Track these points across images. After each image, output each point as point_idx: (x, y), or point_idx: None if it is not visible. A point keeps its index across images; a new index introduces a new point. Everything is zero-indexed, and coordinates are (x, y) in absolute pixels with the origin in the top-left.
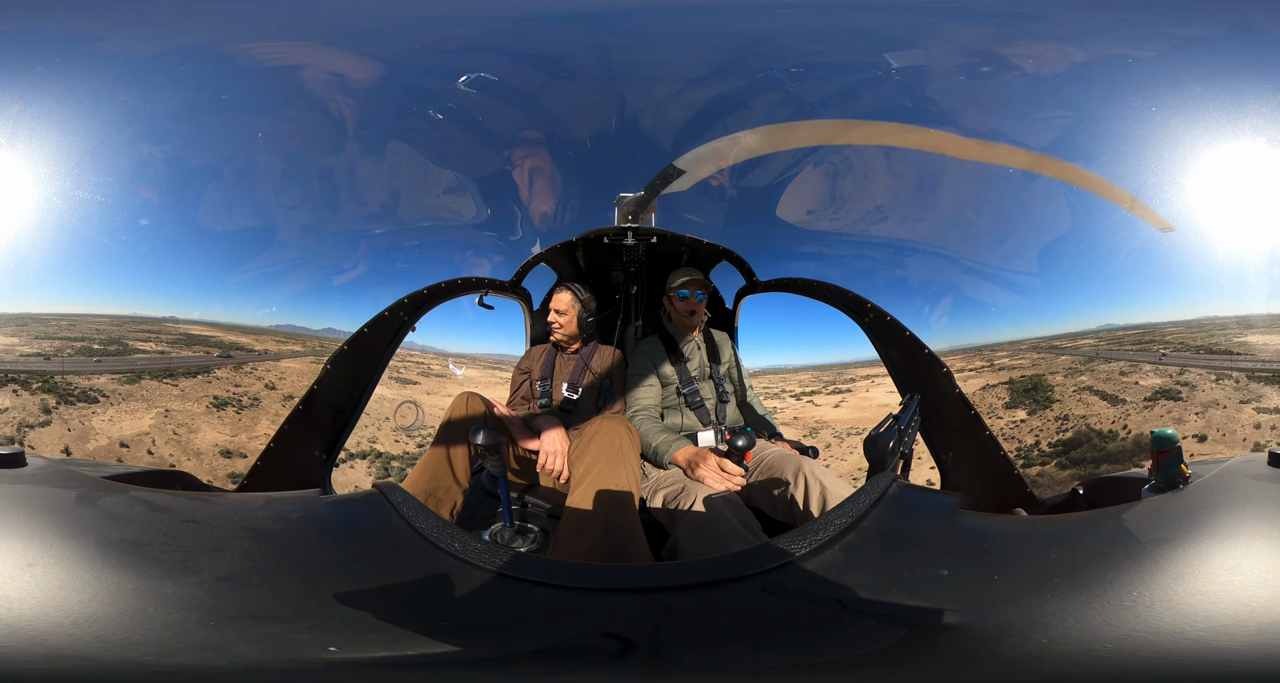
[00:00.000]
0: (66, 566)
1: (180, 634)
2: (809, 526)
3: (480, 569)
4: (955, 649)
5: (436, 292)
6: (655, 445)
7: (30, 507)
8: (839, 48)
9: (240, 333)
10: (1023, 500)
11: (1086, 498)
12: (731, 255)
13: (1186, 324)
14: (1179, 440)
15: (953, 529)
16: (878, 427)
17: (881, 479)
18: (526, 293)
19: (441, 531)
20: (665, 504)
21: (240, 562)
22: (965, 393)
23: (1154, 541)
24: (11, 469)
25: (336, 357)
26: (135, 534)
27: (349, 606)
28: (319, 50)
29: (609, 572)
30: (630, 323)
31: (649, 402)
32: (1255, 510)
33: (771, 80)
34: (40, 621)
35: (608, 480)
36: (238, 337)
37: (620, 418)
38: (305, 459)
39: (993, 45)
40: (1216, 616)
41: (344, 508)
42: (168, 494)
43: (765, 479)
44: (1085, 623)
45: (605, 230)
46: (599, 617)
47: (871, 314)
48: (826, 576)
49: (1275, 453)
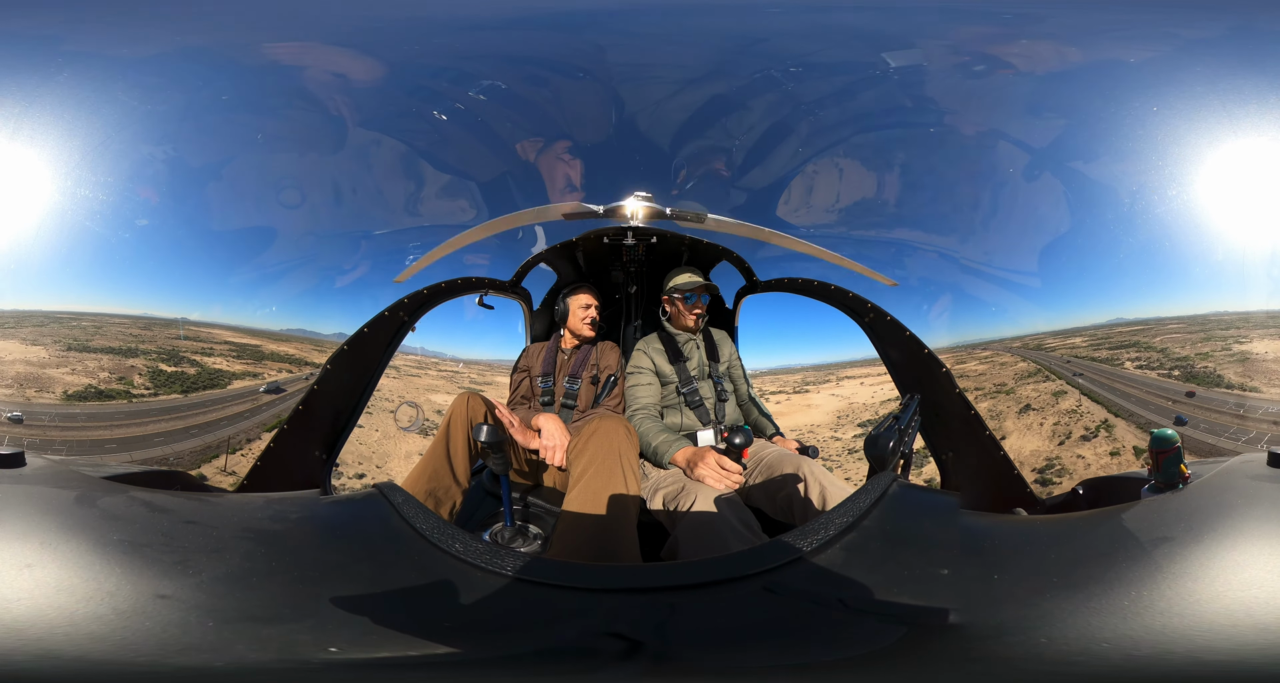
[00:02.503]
0: (65, 566)
1: (179, 635)
2: (809, 525)
3: (481, 570)
4: (955, 648)
5: (437, 292)
6: (655, 445)
7: (29, 507)
8: (838, 47)
9: (249, 336)
10: (1023, 500)
11: (1086, 498)
12: (731, 255)
13: (1187, 320)
14: (1178, 441)
15: (953, 529)
16: (878, 427)
17: (881, 479)
18: (526, 293)
19: (442, 531)
20: (665, 504)
21: (240, 562)
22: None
23: (1153, 540)
24: (11, 469)
25: (336, 357)
26: (134, 535)
27: (349, 606)
28: (320, 50)
29: (610, 572)
30: (630, 322)
31: (649, 401)
32: (1254, 511)
33: (770, 80)
34: (39, 621)
35: (605, 480)
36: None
37: (619, 417)
38: (305, 459)
39: (993, 45)
40: (1215, 615)
41: (344, 508)
42: (167, 495)
43: (765, 479)
44: (1084, 622)
45: (605, 230)
46: (601, 617)
47: (871, 314)
48: (827, 575)
49: (1275, 453)
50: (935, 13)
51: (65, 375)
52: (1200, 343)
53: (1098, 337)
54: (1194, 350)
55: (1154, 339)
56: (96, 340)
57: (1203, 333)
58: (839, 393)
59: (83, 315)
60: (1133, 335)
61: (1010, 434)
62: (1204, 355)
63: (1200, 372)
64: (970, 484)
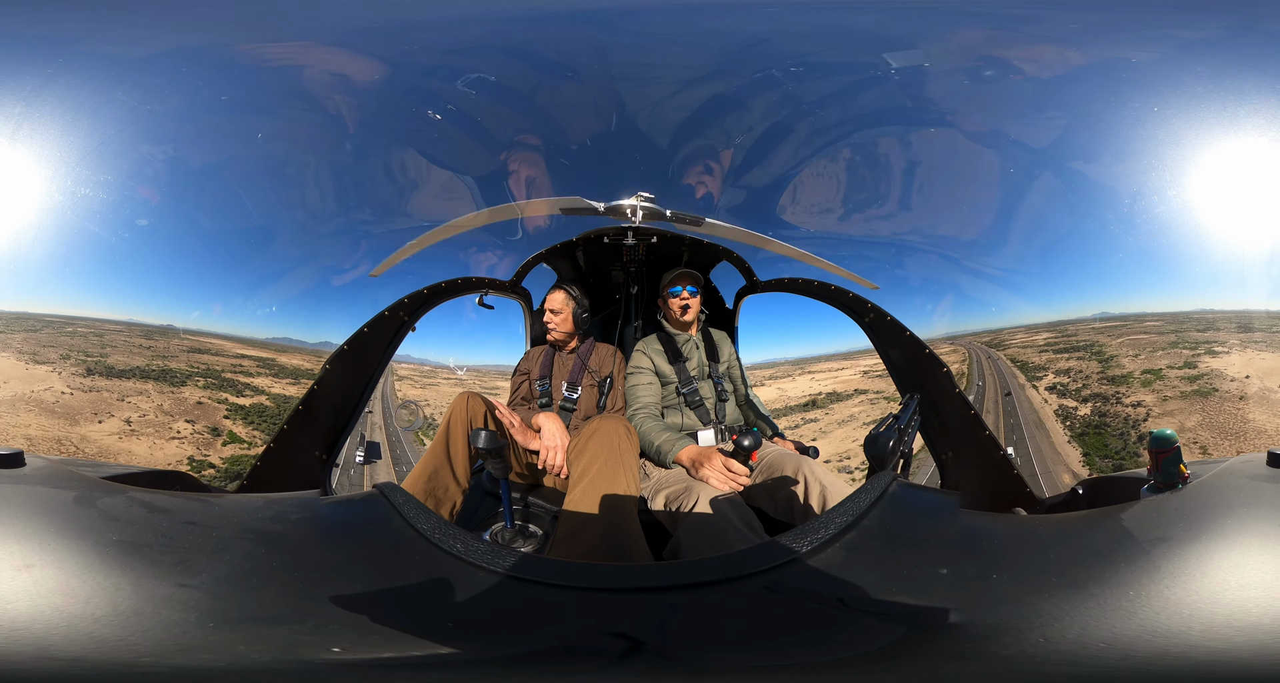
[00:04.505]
0: (64, 566)
1: (179, 636)
2: (809, 524)
3: (483, 570)
4: (955, 648)
5: (437, 291)
6: (658, 445)
7: (29, 507)
8: (838, 48)
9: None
10: (1022, 500)
11: (1086, 498)
12: (731, 255)
13: (1166, 317)
14: (1178, 440)
15: (952, 529)
16: (878, 426)
17: (881, 478)
18: (526, 293)
19: (443, 531)
20: (668, 504)
21: (240, 563)
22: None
23: (1152, 540)
24: (10, 469)
25: (336, 357)
26: (134, 535)
27: (350, 607)
28: (317, 50)
29: (612, 572)
30: (630, 323)
31: (649, 400)
32: (1254, 510)
33: (770, 80)
34: (38, 622)
35: (606, 480)
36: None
37: (619, 417)
38: (305, 460)
39: (993, 46)
40: (1214, 615)
41: (344, 509)
42: (167, 495)
43: (765, 479)
44: (1083, 622)
45: (605, 230)
46: (603, 617)
47: (871, 314)
48: (827, 574)
49: (1274, 453)
50: (936, 14)
51: (128, 433)
52: (1161, 352)
53: (1067, 332)
54: (1146, 364)
55: (1116, 340)
56: (113, 357)
57: (1175, 335)
58: (782, 387)
59: (76, 320)
60: (1102, 331)
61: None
62: (1153, 374)
63: (1110, 410)
64: (970, 484)
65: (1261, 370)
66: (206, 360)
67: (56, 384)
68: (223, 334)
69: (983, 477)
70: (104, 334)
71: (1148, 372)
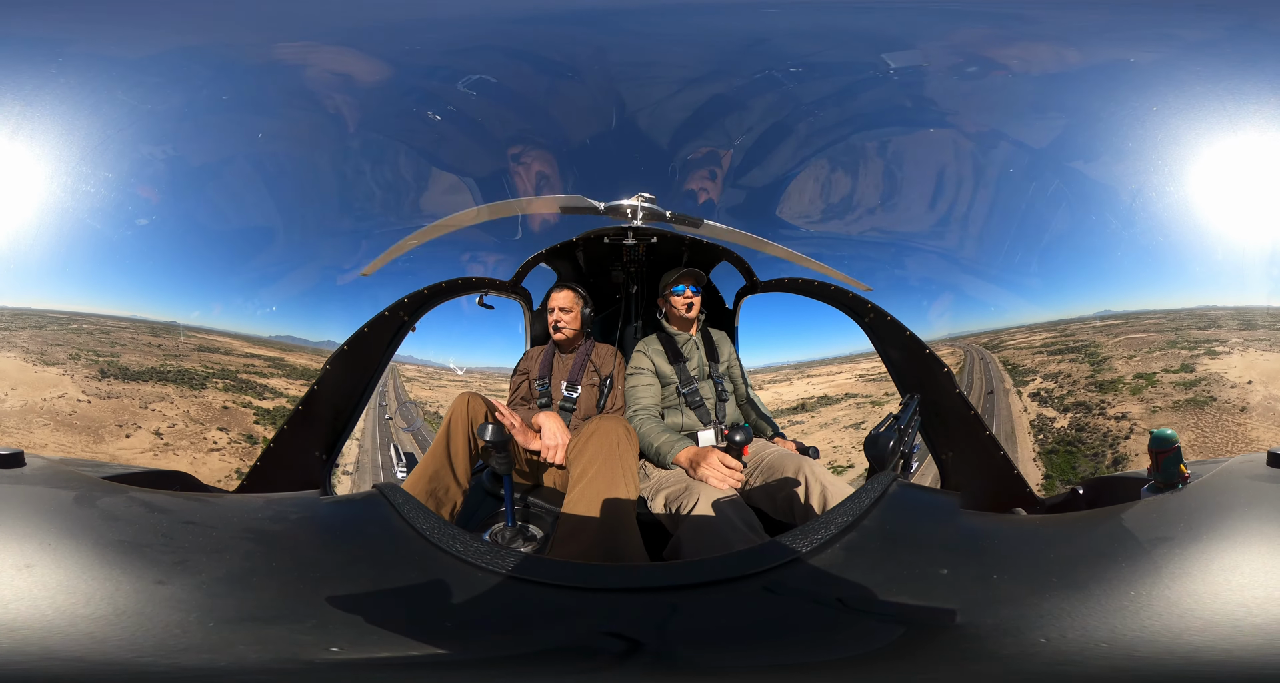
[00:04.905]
0: (65, 566)
1: (179, 635)
2: (810, 525)
3: (483, 570)
4: (955, 648)
5: (437, 291)
6: (657, 446)
7: (29, 507)
8: (838, 48)
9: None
10: (1023, 500)
11: (1086, 498)
12: (731, 256)
13: (1167, 314)
14: (1178, 440)
15: (952, 529)
16: (878, 426)
17: (881, 479)
18: (526, 293)
19: (443, 531)
20: (668, 504)
21: (240, 563)
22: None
23: (1153, 540)
24: (10, 469)
25: (336, 357)
26: (134, 535)
27: (349, 606)
28: (318, 50)
29: (612, 572)
30: (630, 323)
31: (649, 401)
32: (1254, 510)
33: (770, 80)
34: (37, 621)
35: (605, 480)
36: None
37: (618, 418)
38: (305, 459)
39: (993, 46)
40: (1214, 615)
41: (344, 509)
42: (167, 495)
43: (766, 479)
44: (1084, 622)
45: (606, 230)
46: (603, 617)
47: (871, 314)
48: (827, 574)
49: (1274, 453)
50: (936, 14)
51: (162, 447)
52: (1158, 353)
53: (1066, 332)
54: (1140, 367)
55: (1113, 340)
56: (125, 356)
57: (1175, 333)
58: (778, 390)
59: (80, 316)
60: (1102, 331)
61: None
62: (1146, 379)
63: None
64: (970, 484)
65: (1265, 374)
66: (219, 360)
67: (71, 390)
68: (226, 332)
69: (983, 477)
70: (110, 331)
71: (1140, 376)
